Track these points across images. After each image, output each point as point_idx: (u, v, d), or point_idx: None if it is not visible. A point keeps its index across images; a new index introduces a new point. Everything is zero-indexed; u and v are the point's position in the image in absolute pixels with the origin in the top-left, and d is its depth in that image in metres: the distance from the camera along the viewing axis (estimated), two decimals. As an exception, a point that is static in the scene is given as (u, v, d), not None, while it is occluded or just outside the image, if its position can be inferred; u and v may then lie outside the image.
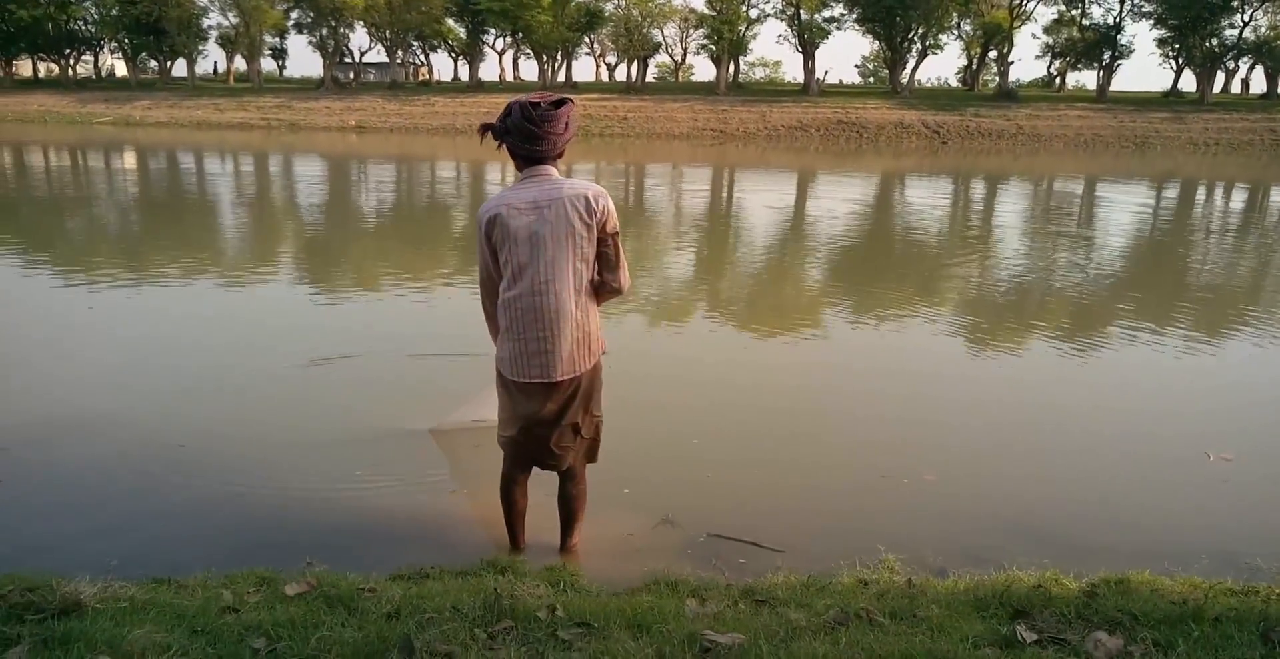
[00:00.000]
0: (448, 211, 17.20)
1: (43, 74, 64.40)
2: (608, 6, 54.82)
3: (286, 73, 71.83)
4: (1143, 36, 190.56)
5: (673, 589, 3.00)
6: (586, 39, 58.34)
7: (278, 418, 5.20)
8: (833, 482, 4.49)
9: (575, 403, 3.22)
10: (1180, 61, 51.47)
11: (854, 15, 53.11)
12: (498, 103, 49.39)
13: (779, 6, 53.41)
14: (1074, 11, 53.28)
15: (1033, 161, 33.97)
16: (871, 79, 77.49)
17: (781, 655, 2.27)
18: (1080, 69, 56.38)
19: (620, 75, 59.90)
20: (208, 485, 4.19)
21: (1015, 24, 52.07)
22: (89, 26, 61.60)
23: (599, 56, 63.02)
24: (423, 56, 65.72)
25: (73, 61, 63.15)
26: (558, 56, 56.83)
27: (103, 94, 55.75)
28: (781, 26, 56.99)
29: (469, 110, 48.15)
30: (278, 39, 65.20)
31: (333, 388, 5.73)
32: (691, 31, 55.71)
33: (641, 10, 53.48)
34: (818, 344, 7.32)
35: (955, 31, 54.48)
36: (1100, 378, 6.50)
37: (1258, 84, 53.51)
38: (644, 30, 53.99)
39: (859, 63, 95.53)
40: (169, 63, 61.32)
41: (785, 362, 6.84)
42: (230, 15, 57.49)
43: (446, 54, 63.11)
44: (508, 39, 58.78)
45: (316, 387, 5.74)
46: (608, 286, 3.18)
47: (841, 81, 72.36)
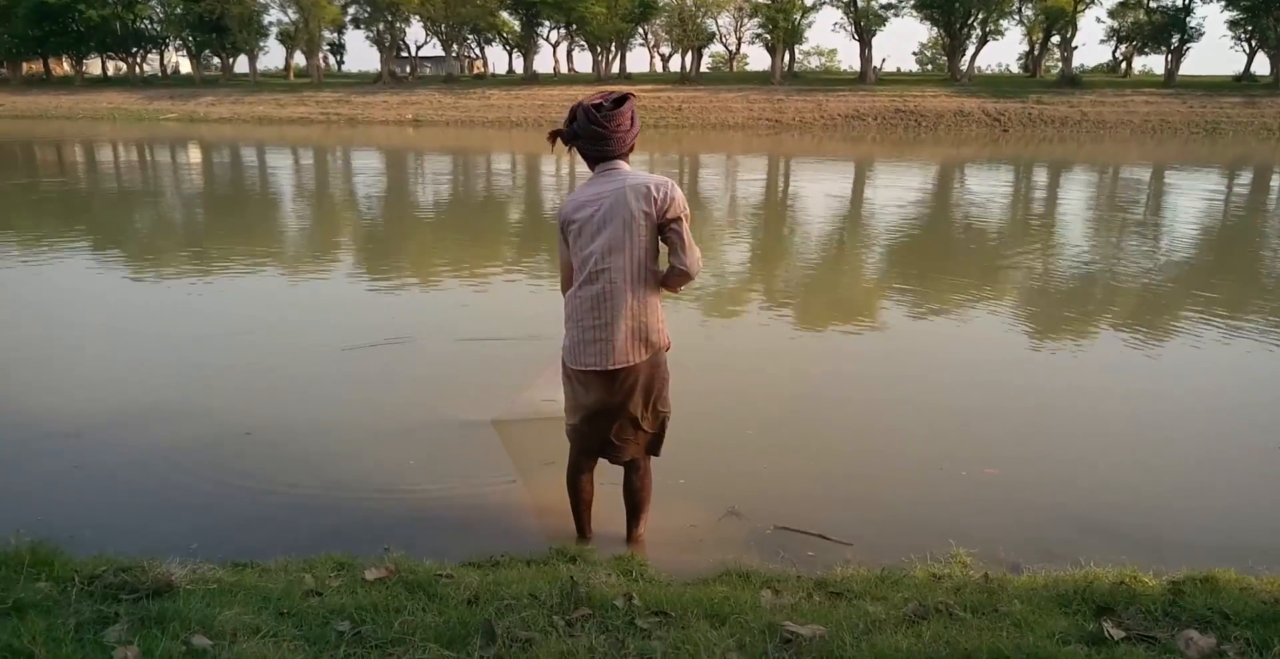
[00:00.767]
0: (504, 205, 17.31)
1: (111, 72, 66.50)
2: (661, -3, 54.71)
3: (344, 68, 73.08)
4: (1213, 18, 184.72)
5: (745, 580, 2.99)
6: (640, 30, 58.24)
7: (338, 406, 5.28)
8: (895, 473, 4.44)
9: (635, 396, 3.23)
10: (1253, 44, 49.67)
11: (911, 1, 52.22)
12: (552, 95, 49.35)
13: (835, -7, 52.72)
14: (1142, -6, 51.80)
15: (1097, 149, 33.12)
16: (930, 67, 76.01)
17: (864, 648, 2.24)
18: (1147, 53, 54.89)
19: (674, 66, 59.73)
20: (276, 472, 4.27)
21: (1079, 8, 50.67)
22: (155, 25, 63.56)
23: (653, 47, 62.92)
24: (478, 50, 66.48)
25: (139, 60, 65.13)
26: (612, 48, 56.84)
27: (168, 91, 57.40)
28: (837, 14, 56.14)
29: (524, 103, 48.49)
30: (335, 34, 66.35)
31: (394, 376, 5.81)
32: (746, 20, 55.29)
33: (695, 0, 53.19)
34: (876, 335, 7.22)
35: (1016, 16, 53.16)
36: (1168, 368, 6.32)
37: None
38: (698, 20, 53.65)
39: (917, 50, 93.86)
40: (231, 59, 62.78)
41: (840, 351, 6.79)
42: (290, 11, 58.75)
43: (501, 47, 63.79)
44: (562, 31, 58.99)
45: (377, 375, 5.83)
46: (676, 269, 3.18)
47: (899, 69, 71.10)
